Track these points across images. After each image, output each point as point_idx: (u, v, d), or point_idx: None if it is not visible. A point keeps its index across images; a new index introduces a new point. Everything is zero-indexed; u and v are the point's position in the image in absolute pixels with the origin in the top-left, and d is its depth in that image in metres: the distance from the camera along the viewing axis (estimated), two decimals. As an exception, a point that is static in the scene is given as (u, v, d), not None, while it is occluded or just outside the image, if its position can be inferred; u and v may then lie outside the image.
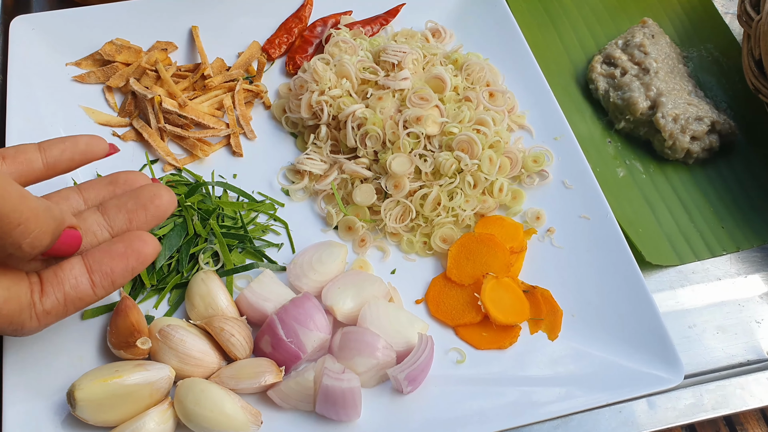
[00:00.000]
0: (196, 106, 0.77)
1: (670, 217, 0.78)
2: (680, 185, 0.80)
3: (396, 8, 0.86)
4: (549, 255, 0.71)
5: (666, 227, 0.77)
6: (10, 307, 0.50)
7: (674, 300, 0.74)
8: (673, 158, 0.81)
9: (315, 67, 0.75)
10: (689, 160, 0.81)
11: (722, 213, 0.78)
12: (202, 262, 0.67)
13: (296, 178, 0.75)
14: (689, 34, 0.93)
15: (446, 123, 0.73)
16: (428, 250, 0.71)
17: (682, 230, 0.77)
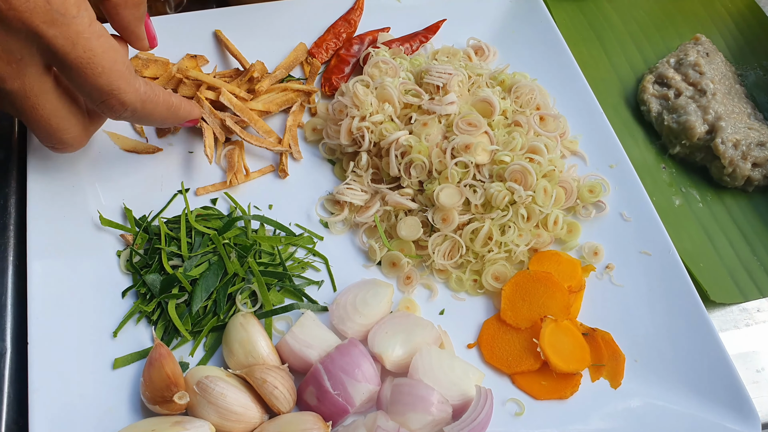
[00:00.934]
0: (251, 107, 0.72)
1: (731, 249, 0.73)
2: (740, 215, 0.76)
3: (436, 24, 0.81)
4: (608, 294, 0.66)
5: (727, 261, 0.72)
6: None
7: (739, 341, 0.69)
8: (732, 186, 0.76)
9: (355, 91, 0.70)
10: (749, 187, 0.77)
11: (761, 254, 0.74)
12: (240, 303, 0.62)
13: (335, 209, 0.70)
14: (743, 51, 0.88)
15: (497, 151, 0.68)
16: (479, 289, 0.66)
17: (745, 264, 0.72)
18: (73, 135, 0.58)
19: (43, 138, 0.58)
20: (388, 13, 0.82)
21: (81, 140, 0.59)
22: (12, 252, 0.63)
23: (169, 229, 0.65)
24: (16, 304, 0.61)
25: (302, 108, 0.75)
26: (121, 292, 0.63)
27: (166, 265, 0.62)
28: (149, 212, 0.68)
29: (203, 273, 0.62)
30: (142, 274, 0.63)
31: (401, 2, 0.82)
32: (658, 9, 0.91)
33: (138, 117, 0.58)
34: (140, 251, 0.64)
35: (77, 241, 0.64)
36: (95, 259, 0.64)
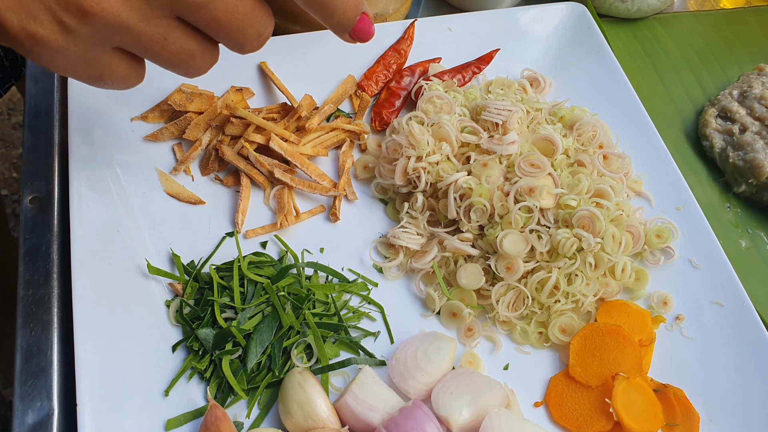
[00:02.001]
0: (301, 151, 0.69)
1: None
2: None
3: (489, 54, 0.78)
4: (679, 347, 0.63)
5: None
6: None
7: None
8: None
9: (411, 129, 0.67)
10: (820, 229, 0.73)
11: None
12: (295, 358, 0.59)
13: (390, 253, 0.67)
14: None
15: (562, 194, 0.65)
16: (545, 342, 0.63)
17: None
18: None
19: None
20: (439, 42, 0.79)
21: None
22: (56, 303, 0.60)
23: (220, 277, 0.62)
24: (63, 361, 0.58)
25: (352, 145, 0.72)
26: (171, 347, 0.60)
27: (219, 319, 0.59)
28: (198, 258, 0.65)
29: (257, 326, 0.59)
30: (194, 327, 0.60)
31: (452, 30, 0.79)
32: (715, 34, 0.87)
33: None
34: (190, 302, 0.61)
35: (124, 290, 0.61)
36: (143, 310, 0.61)
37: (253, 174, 0.68)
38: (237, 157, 0.68)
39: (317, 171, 0.69)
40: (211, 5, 0.47)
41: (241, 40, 0.50)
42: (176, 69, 0.51)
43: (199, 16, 0.47)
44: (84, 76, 0.49)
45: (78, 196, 0.64)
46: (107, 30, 0.45)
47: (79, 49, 0.46)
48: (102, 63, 0.48)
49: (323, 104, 0.73)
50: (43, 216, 0.65)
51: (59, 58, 0.46)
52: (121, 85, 0.51)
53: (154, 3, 0.45)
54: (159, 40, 0.48)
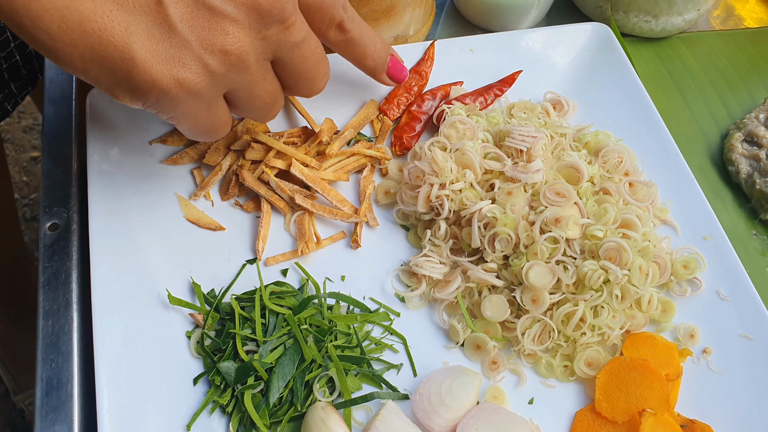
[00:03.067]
0: (322, 176, 0.68)
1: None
2: (839, 287, 0.71)
3: (512, 76, 0.77)
4: (706, 381, 0.62)
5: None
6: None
7: None
8: (830, 255, 0.72)
9: (434, 156, 0.66)
10: None
11: None
12: (317, 392, 0.58)
13: (412, 282, 0.66)
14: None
15: (588, 225, 0.64)
16: (570, 375, 0.62)
17: None
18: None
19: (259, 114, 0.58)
20: (460, 63, 0.77)
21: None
22: (76, 333, 0.60)
23: (241, 308, 0.61)
24: (83, 394, 0.58)
25: (373, 169, 0.71)
26: (193, 380, 0.59)
27: (242, 352, 0.58)
28: (218, 286, 0.64)
29: (279, 359, 0.59)
30: (215, 360, 0.59)
31: (474, 51, 0.78)
32: (740, 54, 0.86)
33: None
34: (211, 333, 0.60)
35: (145, 320, 0.61)
36: (164, 341, 0.60)
37: (273, 200, 0.67)
38: (257, 183, 0.68)
39: (338, 196, 0.68)
40: (303, 45, 0.54)
41: (316, 79, 0.58)
42: (261, 112, 0.57)
43: (293, 55, 0.54)
44: (201, 124, 0.54)
45: (97, 222, 0.63)
46: (236, 68, 0.51)
47: (211, 93, 0.51)
48: (217, 110, 0.54)
49: (344, 129, 0.72)
50: (62, 243, 0.64)
51: (191, 104, 0.51)
52: (221, 134, 0.57)
53: (266, 44, 0.52)
54: (261, 80, 0.54)
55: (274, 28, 0.51)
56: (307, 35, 0.54)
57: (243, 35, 0.50)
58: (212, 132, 0.55)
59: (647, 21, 0.84)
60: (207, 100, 0.52)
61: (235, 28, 0.49)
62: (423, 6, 0.76)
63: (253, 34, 0.50)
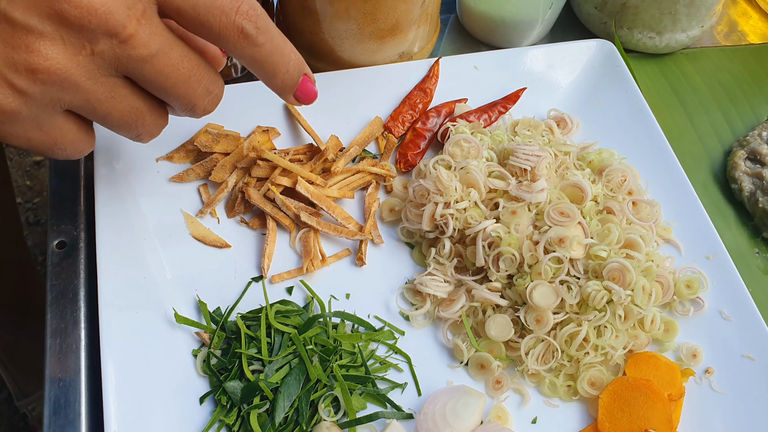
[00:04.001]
0: (327, 194, 0.69)
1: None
2: (842, 306, 0.71)
3: (516, 93, 0.77)
4: (709, 402, 0.62)
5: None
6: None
7: None
8: (833, 274, 0.72)
9: (439, 175, 0.66)
10: None
11: None
12: (322, 412, 0.59)
13: (416, 300, 0.67)
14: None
15: (592, 245, 0.64)
16: (573, 395, 0.62)
17: None
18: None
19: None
20: (465, 80, 0.78)
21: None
22: (84, 351, 0.60)
23: (246, 326, 0.62)
24: (91, 413, 0.58)
25: (378, 186, 0.72)
26: (199, 399, 0.59)
27: (247, 372, 0.59)
28: (224, 303, 0.64)
29: (285, 379, 0.59)
30: (221, 379, 0.59)
31: (478, 68, 0.78)
32: (743, 70, 0.86)
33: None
34: (217, 352, 0.61)
35: (151, 339, 0.61)
36: (170, 360, 0.61)
37: (279, 217, 0.68)
38: (263, 200, 0.68)
39: (343, 214, 0.69)
40: (156, 60, 0.47)
41: (190, 97, 0.51)
42: (125, 130, 0.52)
43: (144, 71, 0.47)
44: (37, 143, 0.49)
45: (104, 240, 0.64)
46: (56, 88, 0.45)
47: (31, 112, 0.46)
48: (54, 128, 0.48)
49: (349, 146, 0.72)
50: (69, 261, 0.64)
51: (13, 125, 0.47)
52: (72, 151, 0.51)
53: (99, 60, 0.46)
54: (107, 99, 0.48)
55: (103, 43, 0.45)
56: (161, 47, 0.47)
57: (55, 52, 0.44)
58: (60, 149, 0.50)
59: (651, 37, 0.84)
60: (31, 120, 0.47)
61: (42, 44, 0.44)
62: (428, 23, 0.77)
63: (72, 49, 0.45)
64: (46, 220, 2.03)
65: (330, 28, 0.73)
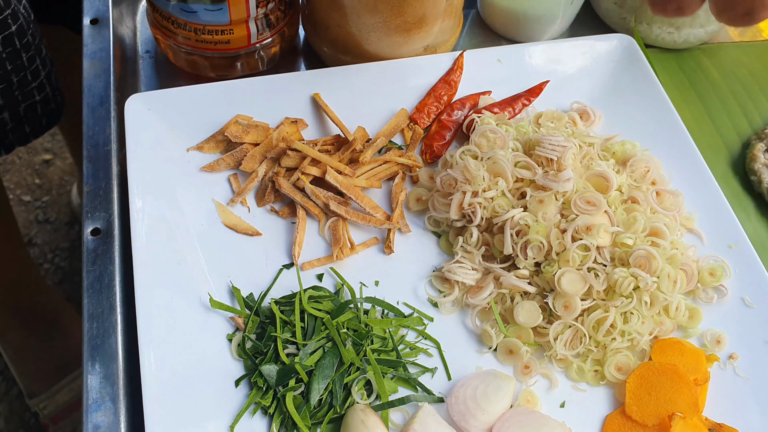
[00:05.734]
0: (355, 183, 0.70)
1: None
2: None
3: (539, 86, 0.79)
4: (733, 386, 0.64)
5: None
6: None
7: None
8: None
9: (467, 165, 0.68)
10: None
11: None
12: (356, 395, 0.60)
13: (444, 288, 0.68)
14: None
15: (618, 233, 0.65)
16: (601, 380, 0.64)
17: None
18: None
19: None
20: (489, 73, 0.79)
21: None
22: (121, 337, 0.61)
23: (280, 311, 0.63)
24: (128, 394, 0.59)
25: (404, 177, 0.73)
26: (235, 381, 0.60)
27: (283, 355, 0.60)
28: (256, 289, 0.66)
29: (319, 362, 0.60)
30: (257, 362, 0.60)
31: (501, 62, 0.79)
32: (760, 65, 0.88)
33: None
34: (252, 336, 0.62)
35: (187, 323, 0.62)
36: (206, 344, 0.62)
37: (308, 206, 0.69)
38: (293, 189, 0.69)
39: (371, 203, 0.70)
40: None
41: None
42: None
43: None
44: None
45: (138, 227, 0.65)
46: None
47: None
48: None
49: (376, 137, 0.74)
50: (104, 248, 0.66)
51: None
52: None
53: None
54: None
55: None
56: None
57: None
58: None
59: (670, 33, 0.85)
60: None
61: None
62: (453, 17, 0.78)
63: None
64: (55, 218, 2.05)
65: (357, 21, 0.74)
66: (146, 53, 0.84)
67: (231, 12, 0.72)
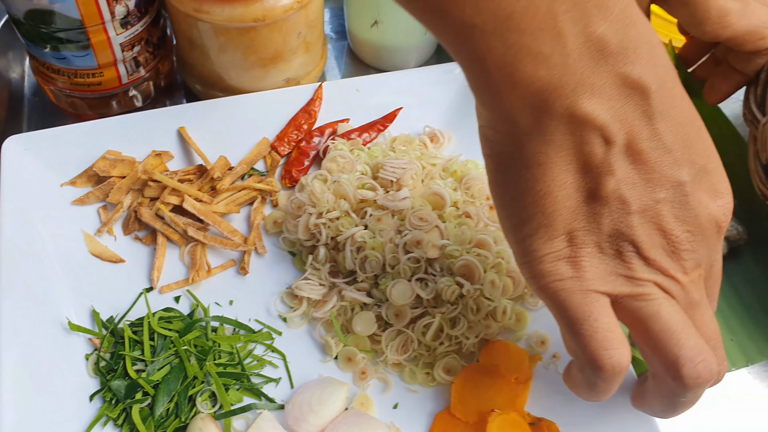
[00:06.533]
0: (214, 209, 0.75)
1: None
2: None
3: (393, 113, 0.85)
4: (555, 383, 0.69)
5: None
6: None
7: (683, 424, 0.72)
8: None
9: (312, 189, 0.73)
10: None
11: (732, 324, 0.76)
12: (200, 405, 0.65)
13: (294, 303, 0.73)
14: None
15: (447, 245, 0.71)
16: (431, 382, 0.69)
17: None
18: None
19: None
20: (348, 102, 0.85)
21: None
22: (-17, 360, 0.66)
23: (133, 332, 0.68)
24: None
25: (264, 201, 0.79)
26: (89, 396, 0.66)
27: (130, 371, 0.65)
28: (118, 313, 0.71)
29: (165, 377, 0.65)
30: (108, 379, 0.66)
31: (360, 91, 0.85)
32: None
33: None
34: (106, 355, 0.67)
35: (48, 346, 0.67)
36: (65, 364, 0.67)
37: (168, 233, 0.75)
38: (154, 218, 0.75)
39: (229, 228, 0.76)
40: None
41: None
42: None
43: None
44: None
45: (8, 260, 0.70)
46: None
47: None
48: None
49: (238, 165, 0.79)
50: (-26, 279, 0.71)
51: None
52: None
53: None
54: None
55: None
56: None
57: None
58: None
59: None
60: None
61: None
62: (311, 52, 0.84)
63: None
64: None
65: (216, 59, 0.80)
66: (34, 96, 0.90)
67: (97, 57, 0.78)
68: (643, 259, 0.46)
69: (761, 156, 0.77)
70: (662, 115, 0.44)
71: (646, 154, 0.44)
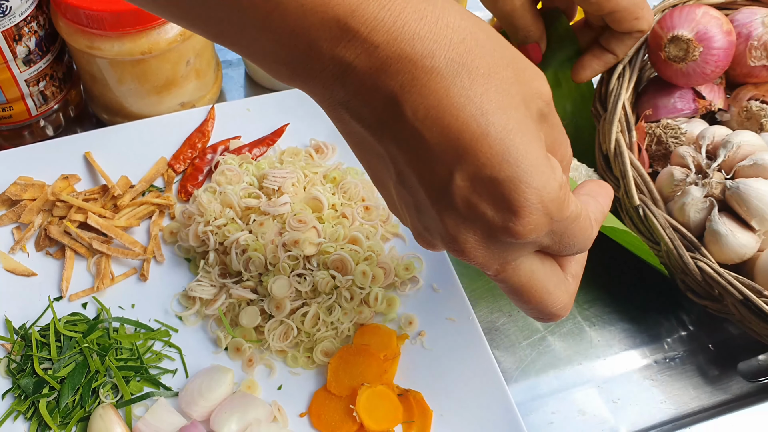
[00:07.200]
0: (116, 224, 0.84)
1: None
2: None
3: (281, 129, 0.94)
4: (420, 358, 0.78)
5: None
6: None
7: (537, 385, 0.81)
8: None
9: (200, 200, 0.82)
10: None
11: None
12: (102, 396, 0.74)
13: (189, 304, 0.82)
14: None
15: (323, 243, 0.80)
16: (311, 364, 0.78)
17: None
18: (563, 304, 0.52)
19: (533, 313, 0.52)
20: (240, 121, 0.94)
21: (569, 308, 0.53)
22: None
23: (42, 336, 0.76)
24: None
25: (162, 214, 0.87)
26: (1, 395, 0.74)
27: (38, 369, 0.74)
28: (28, 321, 0.79)
29: (70, 373, 0.74)
30: (18, 378, 0.74)
31: (251, 111, 0.95)
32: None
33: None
34: (17, 358, 0.76)
35: (-38, 354, 0.75)
36: (-22, 369, 0.75)
37: (75, 247, 0.83)
38: (62, 234, 0.83)
39: (130, 239, 0.84)
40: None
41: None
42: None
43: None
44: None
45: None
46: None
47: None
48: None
49: (138, 183, 0.88)
50: None
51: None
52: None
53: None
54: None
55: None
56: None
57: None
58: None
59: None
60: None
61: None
62: (204, 77, 0.94)
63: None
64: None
65: (116, 89, 0.89)
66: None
67: (5, 93, 0.87)
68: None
69: (603, 146, 0.88)
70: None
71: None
